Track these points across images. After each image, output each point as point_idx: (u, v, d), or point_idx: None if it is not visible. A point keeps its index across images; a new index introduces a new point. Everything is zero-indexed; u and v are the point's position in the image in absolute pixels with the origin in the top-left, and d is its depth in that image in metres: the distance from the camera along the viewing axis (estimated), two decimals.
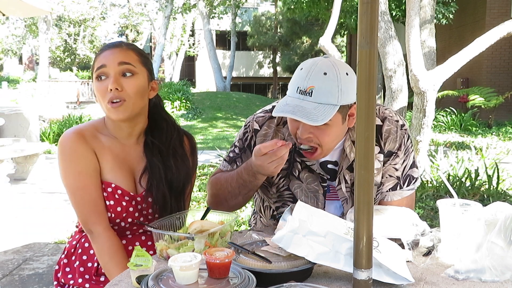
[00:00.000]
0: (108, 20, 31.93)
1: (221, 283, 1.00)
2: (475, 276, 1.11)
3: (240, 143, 1.57)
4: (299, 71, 1.38)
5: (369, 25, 0.95)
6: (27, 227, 4.20)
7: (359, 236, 1.00)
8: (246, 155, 1.55)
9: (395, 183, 1.55)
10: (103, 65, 1.39)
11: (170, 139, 1.54)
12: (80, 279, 1.47)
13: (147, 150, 1.51)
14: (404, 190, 1.56)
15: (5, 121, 6.41)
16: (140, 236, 1.53)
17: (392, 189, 1.56)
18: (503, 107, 11.52)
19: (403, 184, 1.56)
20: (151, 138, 1.51)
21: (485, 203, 1.24)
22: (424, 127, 5.39)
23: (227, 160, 1.60)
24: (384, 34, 5.57)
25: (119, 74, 1.39)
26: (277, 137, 1.53)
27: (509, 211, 1.13)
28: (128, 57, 1.42)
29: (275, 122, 1.53)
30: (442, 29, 13.24)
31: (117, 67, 1.39)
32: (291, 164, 1.52)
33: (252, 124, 1.55)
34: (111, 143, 1.48)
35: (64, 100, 15.89)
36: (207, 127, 13.14)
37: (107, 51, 1.43)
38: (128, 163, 1.48)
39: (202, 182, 5.66)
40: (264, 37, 27.35)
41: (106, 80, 1.39)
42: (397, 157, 1.53)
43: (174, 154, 1.53)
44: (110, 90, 1.37)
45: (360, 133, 0.98)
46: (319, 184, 1.52)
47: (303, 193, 1.53)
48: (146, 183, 1.48)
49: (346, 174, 1.51)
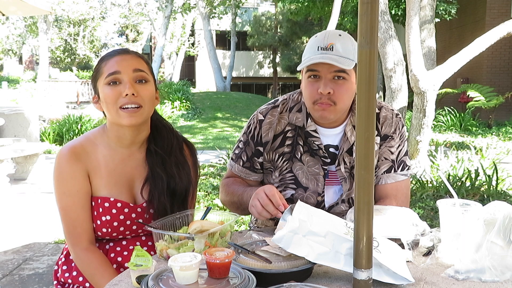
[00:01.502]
0: (108, 20, 31.96)
1: (221, 283, 1.00)
2: (475, 276, 1.11)
3: (245, 136, 1.66)
4: (314, 38, 1.53)
5: (369, 25, 0.95)
6: (27, 227, 4.20)
7: (359, 236, 1.00)
8: (250, 147, 1.64)
9: (389, 165, 1.64)
10: (116, 71, 1.39)
11: (171, 146, 1.54)
12: (81, 278, 1.47)
13: (149, 159, 1.50)
14: (398, 174, 1.65)
15: (5, 121, 6.41)
16: (140, 236, 1.53)
17: (387, 172, 1.64)
18: (503, 107, 11.52)
19: (397, 168, 1.65)
20: (154, 147, 1.51)
21: (485, 203, 1.24)
22: (424, 127, 5.40)
23: (233, 159, 1.70)
24: (384, 34, 5.57)
25: (134, 81, 1.40)
26: (280, 124, 1.61)
27: (507, 210, 1.13)
28: (140, 64, 1.44)
29: (278, 110, 1.63)
30: (442, 29, 13.25)
31: (132, 73, 1.40)
32: (294, 147, 1.61)
33: (256, 115, 1.65)
34: (109, 155, 1.47)
35: (64, 100, 15.88)
36: (207, 127, 13.13)
37: (117, 57, 1.42)
38: (126, 175, 1.48)
39: (202, 182, 5.66)
40: (264, 37, 27.33)
41: (119, 86, 1.39)
42: (393, 140, 1.64)
43: (176, 163, 1.53)
44: (125, 95, 1.38)
45: (360, 133, 0.98)
46: (320, 167, 1.60)
47: (304, 175, 1.61)
48: (148, 194, 1.47)
49: (346, 157, 1.61)
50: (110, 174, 1.46)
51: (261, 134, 1.62)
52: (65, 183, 1.43)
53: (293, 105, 1.64)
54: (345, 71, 1.48)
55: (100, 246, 1.49)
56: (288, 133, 1.61)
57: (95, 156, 1.46)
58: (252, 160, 1.65)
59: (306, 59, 1.51)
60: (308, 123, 1.60)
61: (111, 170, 1.46)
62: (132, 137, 1.48)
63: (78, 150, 1.45)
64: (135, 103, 1.39)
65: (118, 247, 1.49)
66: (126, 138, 1.47)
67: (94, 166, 1.45)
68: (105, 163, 1.46)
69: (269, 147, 1.62)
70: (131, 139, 1.48)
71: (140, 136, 1.50)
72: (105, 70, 1.41)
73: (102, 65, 1.43)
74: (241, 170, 1.67)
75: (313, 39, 1.54)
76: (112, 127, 1.47)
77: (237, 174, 1.68)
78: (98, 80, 1.43)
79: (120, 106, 1.39)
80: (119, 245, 1.49)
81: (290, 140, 1.61)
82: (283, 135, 1.61)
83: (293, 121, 1.61)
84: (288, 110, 1.63)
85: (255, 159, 1.64)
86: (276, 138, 1.62)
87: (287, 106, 1.64)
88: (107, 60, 1.43)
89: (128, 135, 1.47)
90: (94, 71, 1.47)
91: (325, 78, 1.49)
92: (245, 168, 1.66)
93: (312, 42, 1.53)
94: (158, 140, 1.52)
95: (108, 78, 1.40)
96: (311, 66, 1.50)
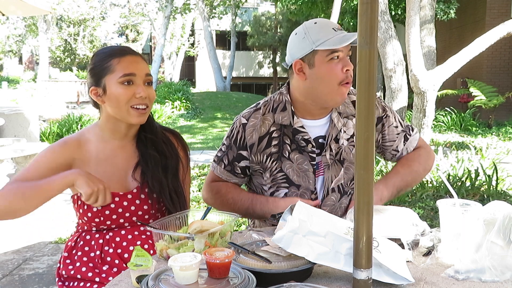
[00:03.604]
0: (108, 20, 31.94)
1: (221, 283, 1.00)
2: (475, 276, 1.11)
3: (228, 140, 1.68)
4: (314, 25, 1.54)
5: (369, 25, 0.95)
6: (27, 227, 4.20)
7: (359, 236, 1.00)
8: (232, 151, 1.66)
9: (404, 135, 1.73)
10: (132, 74, 1.47)
11: (156, 127, 1.63)
12: (84, 268, 1.49)
13: (140, 146, 1.57)
14: (412, 136, 1.74)
15: (5, 121, 6.41)
16: (140, 236, 1.53)
17: (405, 141, 1.73)
18: (503, 107, 11.51)
19: (409, 133, 1.74)
20: (144, 133, 1.58)
21: (485, 203, 1.24)
22: (424, 127, 5.39)
23: (215, 161, 1.71)
24: (384, 34, 5.57)
25: (144, 83, 1.50)
26: (264, 125, 1.63)
27: (507, 210, 1.13)
28: (148, 68, 1.54)
29: (260, 112, 1.65)
30: (442, 29, 13.25)
31: (144, 77, 1.50)
32: (281, 147, 1.62)
33: (239, 119, 1.66)
34: (101, 146, 1.54)
35: (64, 100, 15.87)
36: (207, 127, 13.13)
37: (130, 58, 1.49)
38: (117, 166, 1.54)
39: (202, 182, 5.66)
40: (264, 37, 27.33)
41: (132, 86, 1.47)
42: (388, 117, 1.71)
43: (163, 140, 1.62)
44: (139, 96, 1.47)
45: (360, 133, 0.98)
46: (309, 163, 1.62)
47: (295, 173, 1.62)
48: (140, 177, 1.53)
49: (332, 144, 1.64)
50: (100, 164, 1.51)
51: (245, 138, 1.62)
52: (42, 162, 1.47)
53: (276, 105, 1.65)
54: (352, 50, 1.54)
55: (100, 236, 1.51)
56: (274, 133, 1.62)
57: (86, 148, 1.53)
58: (233, 164, 1.66)
59: (334, 39, 1.50)
60: (295, 120, 1.62)
61: (101, 160, 1.52)
62: (127, 130, 1.55)
63: (71, 141, 1.53)
64: (145, 104, 1.49)
65: (117, 237, 1.51)
66: (121, 131, 1.55)
67: (83, 157, 1.51)
68: (95, 154, 1.53)
69: (256, 149, 1.62)
70: (126, 132, 1.56)
71: (134, 129, 1.57)
72: (119, 69, 1.46)
73: (113, 62, 1.47)
74: (223, 172, 1.69)
75: (316, 25, 1.55)
76: (109, 120, 1.53)
77: (219, 176, 1.70)
78: (107, 75, 1.47)
79: (132, 105, 1.47)
80: (118, 235, 1.51)
81: (276, 140, 1.62)
82: (269, 136, 1.62)
83: (279, 121, 1.62)
84: (272, 111, 1.64)
85: (235, 164, 1.65)
86: (261, 140, 1.62)
87: (269, 107, 1.65)
88: (119, 57, 1.48)
89: (123, 129, 1.54)
90: (99, 64, 1.48)
91: (344, 57, 1.53)
92: (226, 171, 1.68)
93: (319, 26, 1.54)
94: (145, 126, 1.59)
95: (123, 78, 1.46)
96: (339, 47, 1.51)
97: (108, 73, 1.46)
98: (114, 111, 1.49)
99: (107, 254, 1.50)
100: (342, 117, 1.65)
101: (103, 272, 1.47)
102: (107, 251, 1.50)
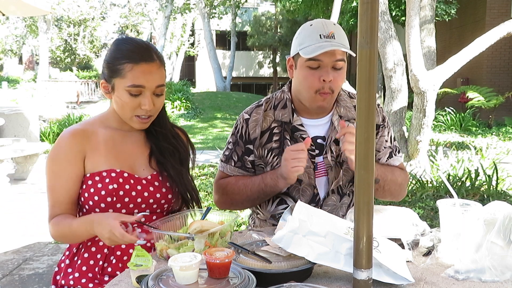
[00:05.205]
0: (108, 20, 31.94)
1: (221, 283, 1.00)
2: (475, 276, 1.11)
3: (233, 137, 1.69)
4: (310, 26, 1.54)
5: (369, 25, 0.95)
6: (27, 227, 4.20)
7: (359, 236, 1.00)
8: (239, 147, 1.67)
9: (389, 151, 1.73)
10: (141, 86, 1.42)
11: (166, 122, 1.61)
12: (84, 279, 1.46)
13: (150, 137, 1.57)
14: (397, 156, 1.75)
15: (5, 121, 6.41)
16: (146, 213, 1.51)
17: (389, 157, 1.73)
18: (503, 107, 11.50)
19: (395, 153, 1.74)
20: (153, 127, 1.56)
21: (485, 203, 1.24)
22: (424, 127, 5.39)
23: (223, 160, 1.71)
24: (384, 34, 5.57)
25: (153, 94, 1.45)
26: (266, 121, 1.65)
27: (507, 210, 1.13)
28: (162, 78, 1.47)
29: (262, 109, 1.67)
30: (442, 29, 13.24)
31: (154, 89, 1.45)
32: (282, 142, 1.63)
33: (242, 115, 1.69)
34: (109, 134, 1.52)
35: (64, 100, 15.88)
36: (207, 127, 13.12)
37: (144, 66, 1.42)
38: (127, 151, 1.52)
39: (202, 182, 5.66)
40: (264, 37, 27.32)
41: (140, 97, 1.43)
42: (385, 128, 1.71)
43: (173, 136, 1.61)
44: (144, 108, 1.44)
45: (360, 133, 0.98)
46: (309, 160, 1.61)
47: None
48: (157, 166, 1.53)
49: (332, 146, 1.64)
50: (110, 151, 1.50)
51: (249, 132, 1.65)
52: (58, 163, 1.46)
53: (277, 102, 1.68)
54: (343, 60, 1.52)
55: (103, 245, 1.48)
56: (275, 129, 1.64)
57: (95, 137, 1.50)
58: (243, 160, 1.67)
59: (312, 47, 1.49)
60: (294, 118, 1.63)
61: (110, 147, 1.50)
62: None
63: (79, 132, 1.49)
64: (149, 114, 1.47)
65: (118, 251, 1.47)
66: (127, 125, 1.53)
67: (93, 146, 1.48)
68: (104, 142, 1.50)
69: (258, 143, 1.64)
70: None
71: None
72: (129, 76, 1.41)
73: (125, 67, 1.41)
74: (234, 170, 1.68)
75: (310, 28, 1.54)
76: (116, 114, 1.52)
77: (230, 174, 1.70)
78: (117, 78, 1.43)
79: (136, 114, 1.46)
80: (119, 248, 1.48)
81: (277, 136, 1.64)
82: (270, 131, 1.65)
83: (279, 118, 1.64)
84: (273, 108, 1.67)
85: (245, 158, 1.66)
86: (263, 134, 1.65)
87: (271, 104, 1.68)
88: (133, 64, 1.41)
89: None
90: (113, 63, 1.44)
91: (326, 66, 1.51)
92: (237, 168, 1.68)
93: (311, 30, 1.53)
94: (155, 121, 1.56)
95: (131, 88, 1.42)
96: (317, 56, 1.48)
97: (119, 77, 1.42)
98: (118, 111, 1.49)
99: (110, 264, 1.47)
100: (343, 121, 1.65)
101: (105, 282, 1.44)
102: (111, 261, 1.47)
